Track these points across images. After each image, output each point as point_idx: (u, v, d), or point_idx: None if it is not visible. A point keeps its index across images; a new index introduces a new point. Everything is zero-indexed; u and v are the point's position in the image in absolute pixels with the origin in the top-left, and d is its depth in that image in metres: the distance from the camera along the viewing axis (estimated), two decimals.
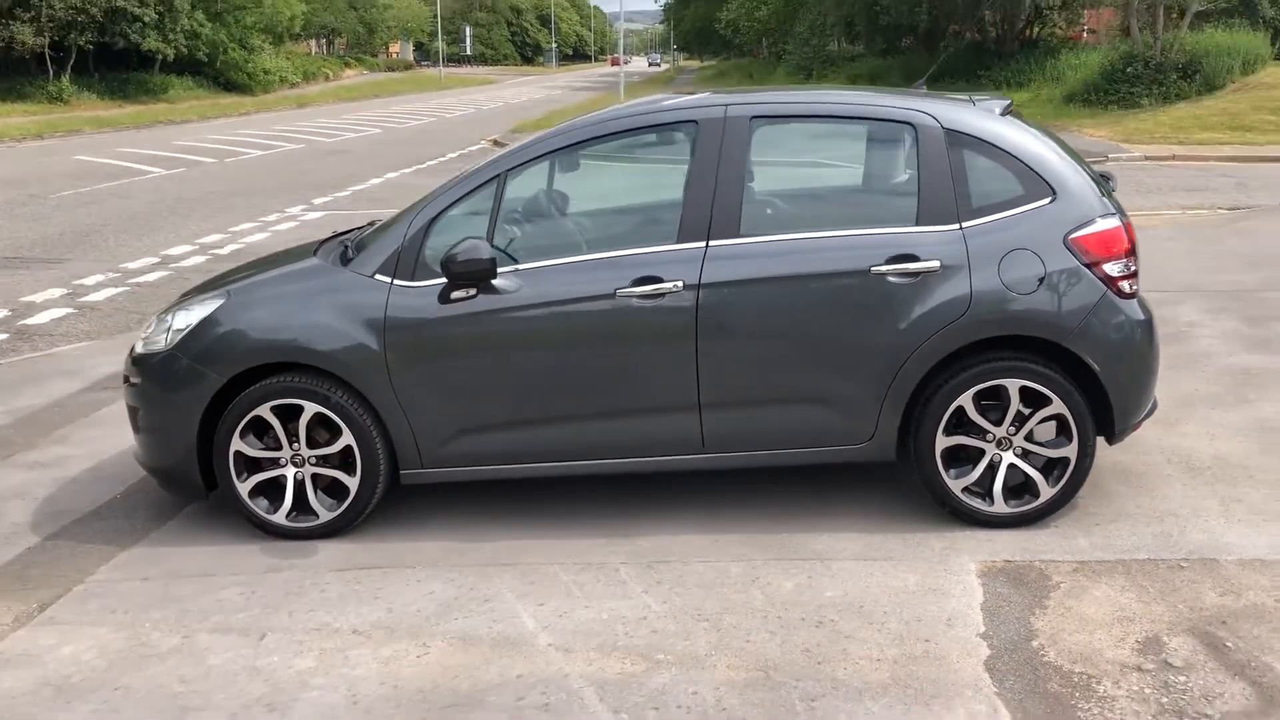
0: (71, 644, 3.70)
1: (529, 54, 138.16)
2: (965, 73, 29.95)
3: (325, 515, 4.42)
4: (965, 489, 4.28)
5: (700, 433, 4.31)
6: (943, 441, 4.25)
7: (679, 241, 4.24)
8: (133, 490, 5.03)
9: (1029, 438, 4.25)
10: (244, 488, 4.41)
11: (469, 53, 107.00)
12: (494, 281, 4.22)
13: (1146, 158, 17.90)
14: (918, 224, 4.22)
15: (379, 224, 4.86)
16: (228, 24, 43.87)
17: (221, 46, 43.83)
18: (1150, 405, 4.48)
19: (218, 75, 45.48)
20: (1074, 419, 4.20)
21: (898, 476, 4.66)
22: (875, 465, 4.47)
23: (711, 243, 4.22)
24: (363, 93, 52.25)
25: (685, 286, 4.18)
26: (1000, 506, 4.28)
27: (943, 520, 4.36)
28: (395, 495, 4.56)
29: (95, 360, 7.28)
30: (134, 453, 4.76)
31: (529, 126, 28.34)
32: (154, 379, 4.47)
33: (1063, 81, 25.84)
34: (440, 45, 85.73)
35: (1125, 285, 4.23)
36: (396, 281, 4.31)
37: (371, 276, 4.34)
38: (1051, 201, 4.22)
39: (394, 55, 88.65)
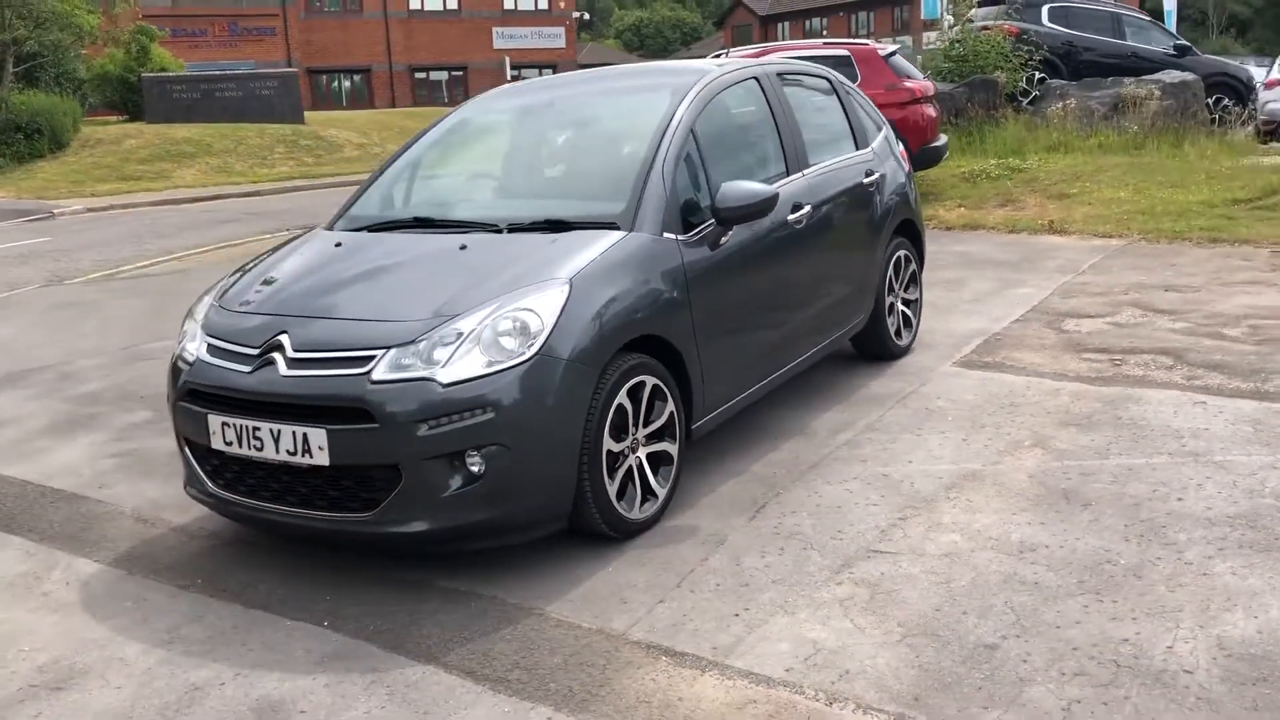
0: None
1: None
2: None
3: (661, 493, 4.14)
4: (894, 331, 6.06)
5: (811, 329, 5.24)
6: (886, 301, 5.94)
7: (790, 173, 5.10)
8: (279, 612, 3.66)
9: (903, 288, 6.20)
10: (613, 489, 3.91)
11: None
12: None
13: (89, 210, 17.80)
14: (857, 148, 5.81)
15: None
16: None
17: None
18: None
19: None
20: (918, 269, 6.30)
21: None
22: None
23: (805, 172, 5.19)
24: None
25: (811, 208, 5.10)
26: (906, 340, 6.16)
27: (863, 364, 6.01)
28: None
29: None
30: (440, 530, 3.61)
31: None
32: (523, 399, 3.58)
33: None
34: None
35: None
36: (679, 237, 4.29)
37: (661, 236, 4.22)
38: (886, 130, 6.21)
39: None
